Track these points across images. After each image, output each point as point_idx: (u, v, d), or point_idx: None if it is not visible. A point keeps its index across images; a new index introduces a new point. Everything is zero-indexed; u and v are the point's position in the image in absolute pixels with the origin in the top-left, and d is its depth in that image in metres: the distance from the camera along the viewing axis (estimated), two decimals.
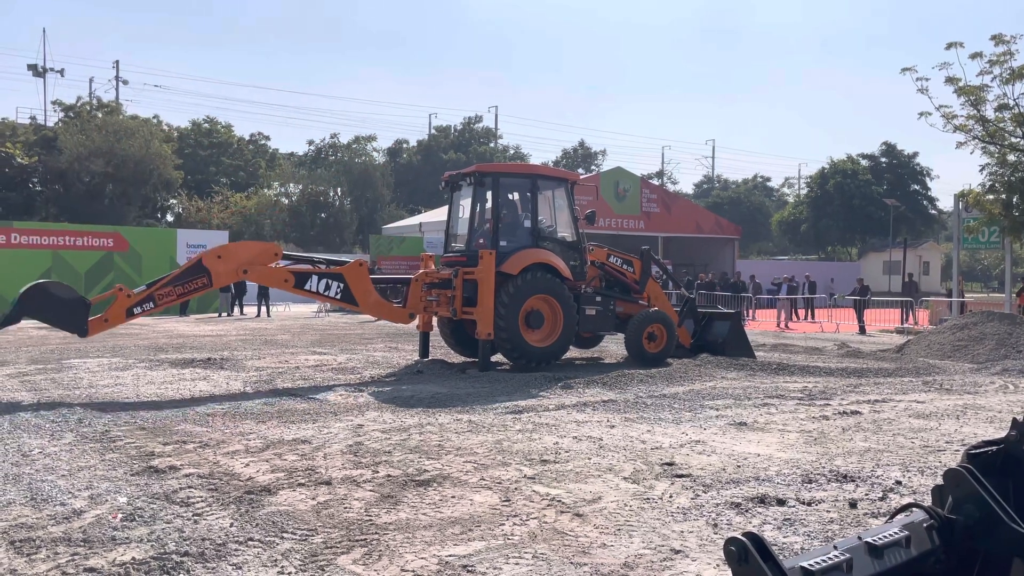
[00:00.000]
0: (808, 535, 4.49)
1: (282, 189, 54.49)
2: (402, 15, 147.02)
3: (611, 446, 6.73)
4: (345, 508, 4.95)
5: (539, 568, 3.99)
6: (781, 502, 5.10)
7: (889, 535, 1.61)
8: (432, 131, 71.28)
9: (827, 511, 4.93)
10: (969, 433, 7.38)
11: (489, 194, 12.60)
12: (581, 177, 18.97)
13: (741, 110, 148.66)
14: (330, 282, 11.70)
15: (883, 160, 58.87)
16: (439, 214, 30.30)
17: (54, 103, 51.11)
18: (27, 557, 4.11)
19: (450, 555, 4.15)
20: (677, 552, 4.22)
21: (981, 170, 19.50)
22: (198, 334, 18.98)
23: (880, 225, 52.81)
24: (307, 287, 11.62)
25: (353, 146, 57.02)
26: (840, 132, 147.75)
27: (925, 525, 1.70)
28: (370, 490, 5.35)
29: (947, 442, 7.01)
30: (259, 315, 26.89)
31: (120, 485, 5.47)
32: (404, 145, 69.59)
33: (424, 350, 13.45)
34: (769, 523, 4.72)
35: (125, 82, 62.90)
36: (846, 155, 58.95)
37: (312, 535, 4.45)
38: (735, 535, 1.42)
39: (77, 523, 4.64)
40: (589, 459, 6.25)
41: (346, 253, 43.07)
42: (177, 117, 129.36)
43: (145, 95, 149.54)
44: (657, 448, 6.68)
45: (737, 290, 29.19)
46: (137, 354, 14.20)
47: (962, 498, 1.73)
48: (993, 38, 17.82)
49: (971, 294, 40.86)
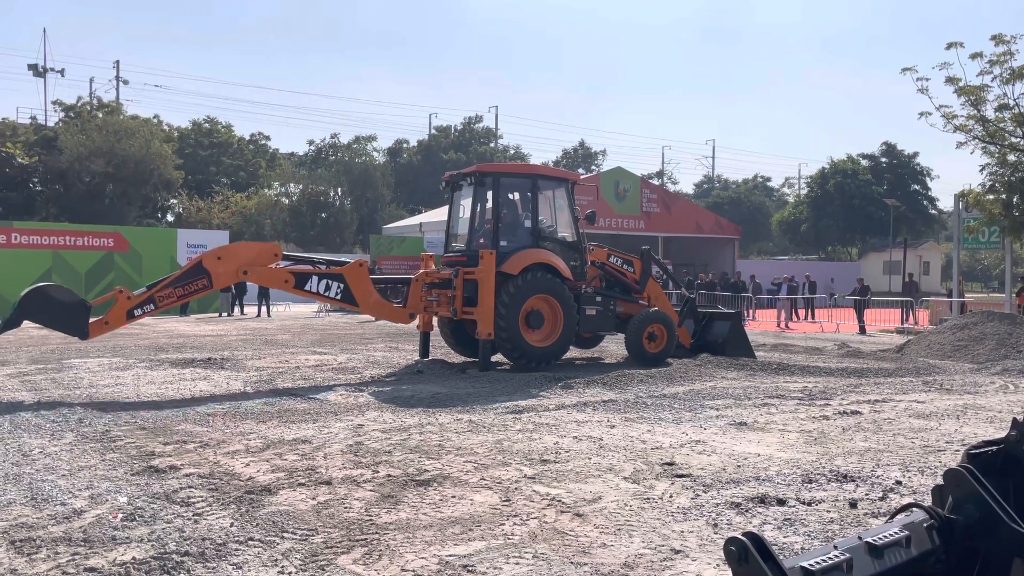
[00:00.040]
0: (808, 535, 4.49)
1: (282, 189, 54.54)
2: (402, 15, 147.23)
3: (611, 446, 6.73)
4: (345, 508, 4.95)
5: (539, 568, 3.99)
6: (781, 502, 5.10)
7: (889, 535, 1.61)
8: (432, 131, 71.30)
9: (827, 511, 4.94)
10: (969, 433, 7.39)
11: (489, 194, 12.60)
12: (581, 177, 18.98)
13: (741, 110, 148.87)
14: (330, 283, 11.70)
15: (883, 160, 58.87)
16: (439, 214, 30.31)
17: (54, 103, 51.23)
18: (27, 557, 4.11)
19: (450, 555, 4.15)
20: (677, 552, 4.22)
21: (981, 170, 19.53)
22: (198, 334, 18.98)
23: (880, 225, 52.81)
24: (307, 288, 11.63)
25: (353, 146, 57.03)
26: (840, 132, 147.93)
27: (925, 525, 1.70)
28: (370, 490, 5.35)
29: (947, 442, 7.01)
30: (259, 315, 26.90)
31: (120, 485, 5.47)
32: (404, 145, 69.59)
33: (424, 350, 13.46)
34: (769, 523, 4.72)
35: (125, 82, 63.09)
36: (846, 155, 59.04)
37: (312, 535, 4.45)
38: (735, 535, 1.42)
39: (77, 523, 4.65)
40: (589, 459, 6.25)
41: (346, 253, 43.06)
42: (177, 117, 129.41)
43: (145, 95, 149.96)
44: (657, 448, 6.68)
45: (737, 290, 29.19)
46: (137, 354, 14.20)
47: (962, 498, 1.73)
48: (993, 38, 17.83)
49: (971, 294, 40.85)
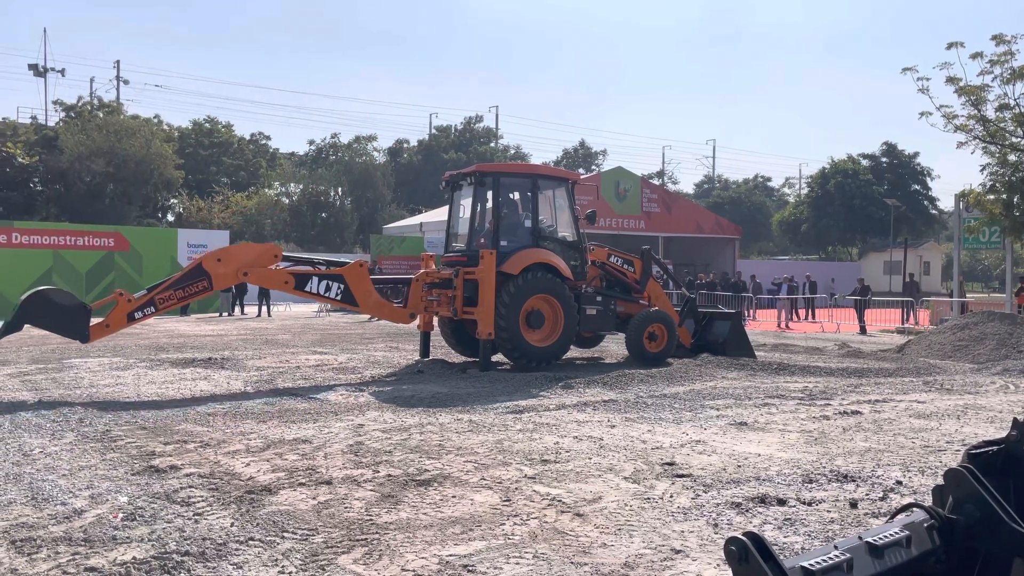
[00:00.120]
0: (809, 535, 4.49)
1: (283, 189, 54.58)
2: (402, 15, 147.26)
3: (612, 446, 6.73)
4: (346, 508, 4.95)
5: (539, 568, 3.99)
6: (782, 502, 5.10)
7: (890, 535, 1.61)
8: (433, 131, 71.28)
9: (828, 511, 4.93)
10: (970, 433, 7.38)
11: (490, 194, 12.60)
12: (582, 177, 18.98)
13: (742, 110, 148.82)
14: (330, 283, 11.70)
15: (884, 160, 58.83)
16: (440, 214, 30.31)
17: (55, 103, 51.27)
18: (28, 556, 4.12)
19: (451, 555, 4.15)
20: (678, 552, 4.22)
21: (982, 170, 19.53)
22: (199, 334, 18.99)
23: (881, 225, 52.80)
24: (307, 288, 11.62)
25: (354, 146, 57.03)
26: (841, 132, 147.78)
27: (926, 525, 1.70)
28: (371, 490, 5.35)
29: (948, 442, 7.00)
30: (260, 315, 26.90)
31: (121, 485, 5.47)
32: (405, 145, 69.58)
33: (425, 350, 13.46)
34: (770, 523, 4.72)
35: (126, 82, 63.16)
36: (847, 155, 58.94)
37: (313, 535, 4.45)
38: (736, 535, 1.42)
39: (78, 522, 4.65)
40: (590, 459, 6.25)
41: (347, 253, 43.07)
42: (178, 117, 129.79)
43: (146, 95, 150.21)
44: (658, 448, 6.68)
45: (737, 290, 29.19)
46: (138, 354, 14.21)
47: (963, 498, 1.73)
48: (994, 38, 17.83)
49: (972, 294, 40.83)
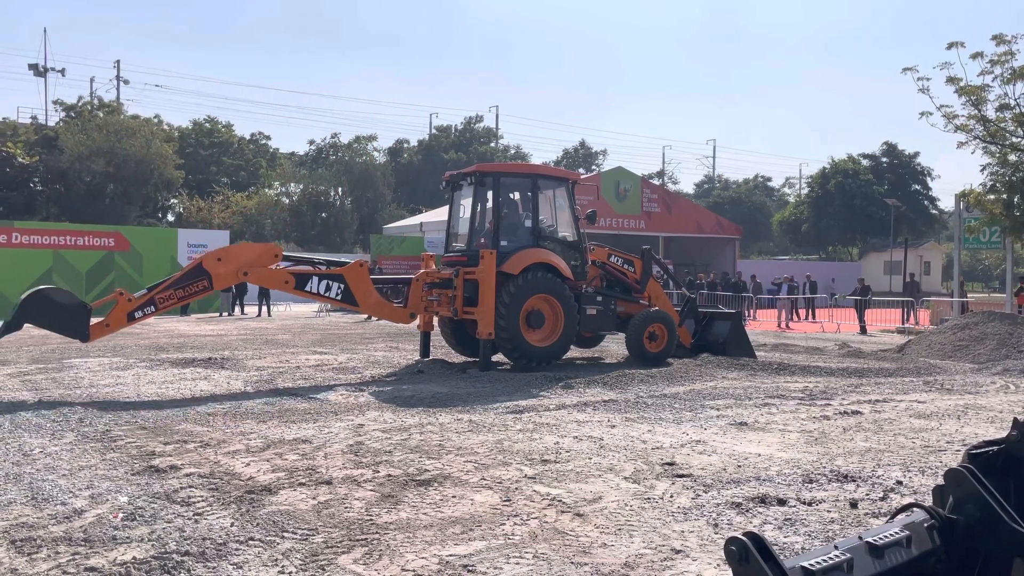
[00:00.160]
0: (809, 535, 4.49)
1: (283, 189, 54.58)
2: (402, 15, 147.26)
3: (612, 446, 6.73)
4: (346, 508, 4.95)
5: (540, 568, 3.99)
6: (782, 502, 5.10)
7: (890, 535, 1.61)
8: (433, 131, 71.28)
9: (828, 511, 4.93)
10: (970, 433, 7.38)
11: (490, 194, 12.60)
12: (582, 177, 18.99)
13: (742, 110, 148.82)
14: (330, 283, 11.70)
15: (884, 160, 58.85)
16: (440, 214, 30.30)
17: (55, 103, 51.30)
18: (28, 556, 4.11)
19: (451, 555, 4.15)
20: (678, 552, 4.22)
21: (982, 170, 19.54)
22: (199, 334, 18.99)
23: (881, 225, 52.80)
24: (307, 288, 11.63)
25: (354, 146, 57.04)
26: (841, 132, 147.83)
27: (926, 525, 1.70)
28: (371, 490, 5.35)
29: (948, 442, 7.00)
30: (260, 315, 26.90)
31: (121, 484, 5.47)
32: (405, 145, 69.57)
33: (425, 350, 13.46)
34: (770, 523, 4.72)
35: (126, 82, 63.17)
36: (847, 155, 58.95)
37: (313, 535, 4.45)
38: (736, 535, 1.42)
39: (78, 522, 4.65)
40: (590, 459, 6.25)
41: (347, 253, 43.08)
42: (178, 117, 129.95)
43: (146, 95, 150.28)
44: (658, 448, 6.68)
45: (738, 290, 29.19)
46: (138, 354, 14.21)
47: (963, 498, 1.73)
48: (994, 38, 17.84)
49: (972, 294, 40.81)
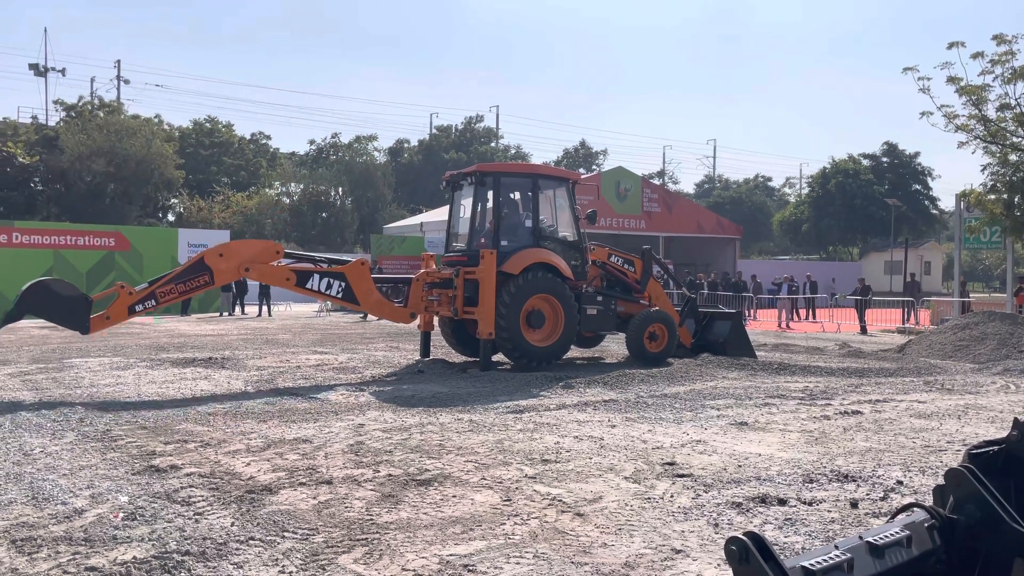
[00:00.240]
0: (809, 535, 4.49)
1: (283, 189, 54.57)
2: (402, 15, 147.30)
3: (612, 446, 6.73)
4: (346, 507, 4.95)
5: (540, 567, 3.99)
6: (782, 502, 5.10)
7: (890, 535, 1.61)
8: (433, 131, 71.27)
9: (828, 511, 4.93)
10: (970, 433, 7.38)
11: (490, 194, 12.59)
12: (582, 177, 18.99)
13: (742, 110, 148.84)
14: (332, 281, 11.71)
15: (884, 160, 58.86)
16: (440, 214, 30.30)
17: (55, 103, 51.31)
18: (28, 556, 4.12)
19: (451, 554, 4.15)
20: (678, 552, 4.22)
21: (983, 170, 19.52)
22: (199, 333, 18.99)
23: (881, 225, 52.79)
24: (309, 286, 11.63)
25: (354, 146, 57.05)
26: (841, 132, 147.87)
27: (926, 525, 1.70)
28: (371, 489, 5.35)
29: (948, 442, 7.00)
30: (260, 314, 26.90)
31: (121, 484, 5.47)
32: (405, 145, 69.57)
33: (425, 350, 13.46)
34: (770, 523, 4.72)
35: (126, 81, 63.06)
36: (847, 155, 58.99)
37: (313, 534, 4.45)
38: (736, 535, 1.42)
39: (78, 522, 4.65)
40: (590, 459, 6.25)
41: (347, 253, 43.05)
42: (178, 116, 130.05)
43: (146, 94, 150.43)
44: (658, 448, 6.68)
45: (738, 290, 29.19)
46: (138, 353, 14.21)
47: (963, 498, 1.73)
48: (995, 38, 17.83)
49: (974, 294, 40.78)
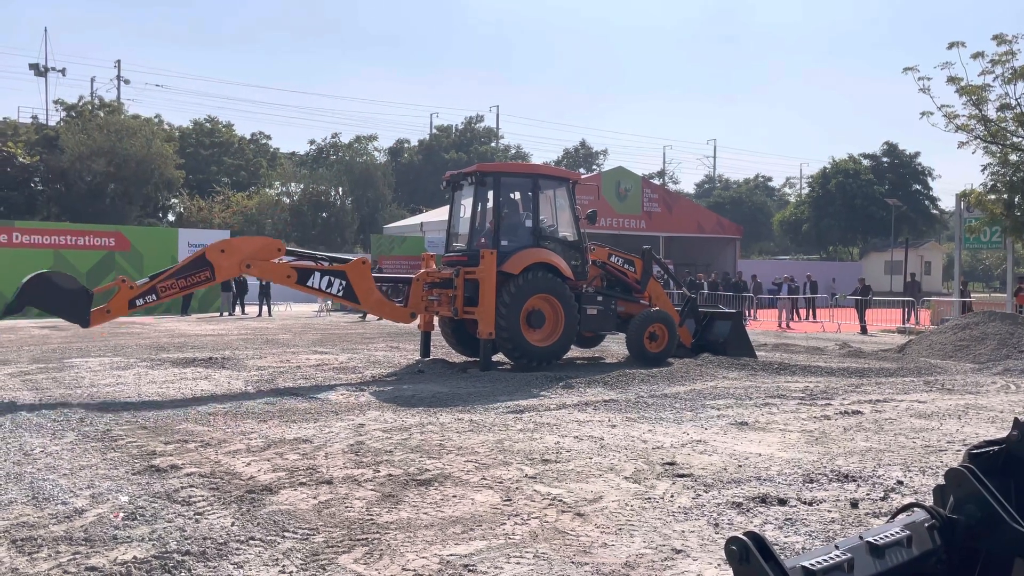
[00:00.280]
0: (809, 535, 4.49)
1: (283, 189, 54.54)
2: (402, 15, 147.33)
3: (612, 446, 6.73)
4: (346, 507, 4.95)
5: (540, 567, 3.99)
6: (782, 502, 5.10)
7: (890, 535, 1.61)
8: (433, 131, 71.26)
9: (828, 511, 4.93)
10: (971, 433, 7.38)
11: (490, 194, 12.59)
12: (582, 177, 18.99)
13: (742, 110, 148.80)
14: (332, 279, 11.70)
15: (885, 160, 58.85)
16: (440, 214, 30.29)
17: (56, 102, 51.33)
18: (29, 556, 4.12)
19: (451, 554, 4.15)
20: (678, 552, 4.22)
21: (983, 170, 19.51)
22: (199, 333, 18.99)
23: (882, 225, 52.79)
24: (309, 284, 11.63)
25: (354, 145, 57.02)
26: (842, 132, 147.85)
27: (927, 525, 1.69)
28: (371, 489, 5.35)
29: (948, 442, 7.00)
30: (260, 314, 26.90)
31: (122, 484, 5.47)
32: (405, 145, 69.56)
33: (425, 349, 13.46)
34: (770, 523, 4.72)
35: (127, 81, 62.96)
36: (848, 155, 58.98)
37: (313, 534, 4.45)
38: (736, 535, 1.42)
39: (79, 522, 4.65)
40: (590, 459, 6.25)
41: (347, 253, 42.99)
42: (178, 116, 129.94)
43: (147, 94, 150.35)
44: (658, 448, 6.68)
45: (738, 290, 29.19)
46: (138, 353, 14.21)
47: (964, 498, 1.73)
48: (995, 38, 17.82)
49: (974, 294, 40.76)
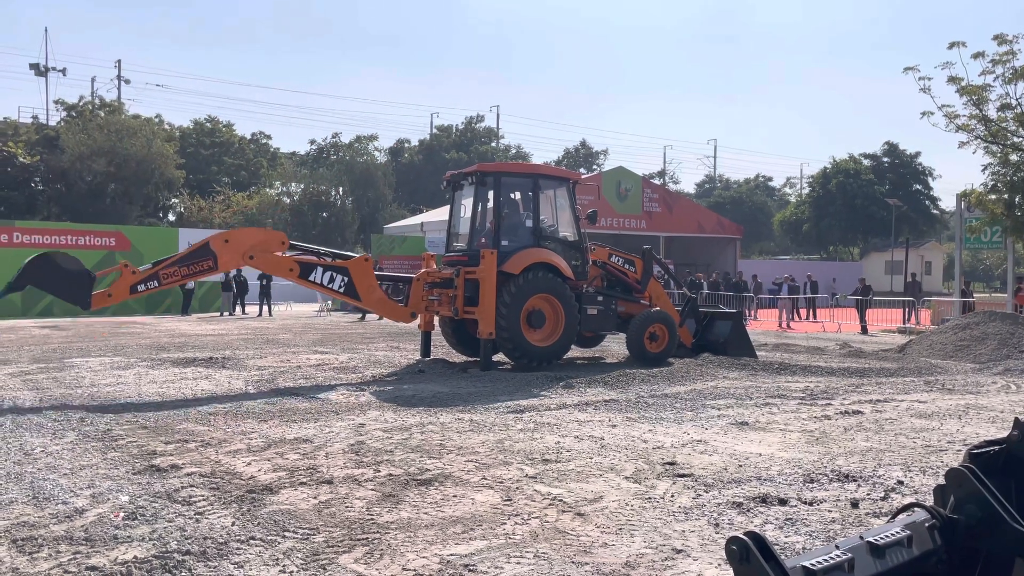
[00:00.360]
0: (810, 535, 4.49)
1: (284, 188, 54.49)
2: (402, 15, 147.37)
3: (613, 445, 6.73)
4: (347, 507, 4.95)
5: (540, 567, 3.99)
6: (783, 502, 5.10)
7: (891, 535, 1.61)
8: (434, 130, 71.22)
9: (829, 511, 4.93)
10: (971, 433, 7.38)
11: (491, 193, 12.59)
12: (583, 176, 18.98)
13: (743, 110, 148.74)
14: (335, 275, 11.70)
15: (885, 160, 58.84)
16: (441, 213, 30.29)
17: (56, 102, 51.29)
18: (29, 556, 4.12)
19: (451, 554, 4.15)
20: (679, 551, 4.22)
21: (983, 170, 19.49)
22: (200, 333, 19.00)
23: (882, 225, 52.78)
24: (311, 278, 11.61)
25: (355, 145, 56.97)
26: (842, 132, 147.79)
27: (927, 525, 1.69)
28: (372, 489, 5.35)
29: (949, 442, 7.00)
30: (261, 314, 26.91)
31: (122, 484, 5.47)
32: (406, 144, 69.51)
33: (426, 349, 13.46)
34: (771, 523, 4.72)
35: (127, 81, 62.88)
36: (848, 155, 58.99)
37: (314, 534, 4.45)
38: (737, 534, 1.42)
39: (79, 522, 4.65)
40: (591, 458, 6.25)
41: (348, 252, 43.02)
42: (179, 116, 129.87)
43: (147, 94, 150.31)
44: (659, 448, 6.68)
45: (739, 290, 29.19)
46: (139, 353, 14.21)
47: (964, 498, 1.73)
48: (995, 38, 17.81)
49: (975, 294, 40.73)
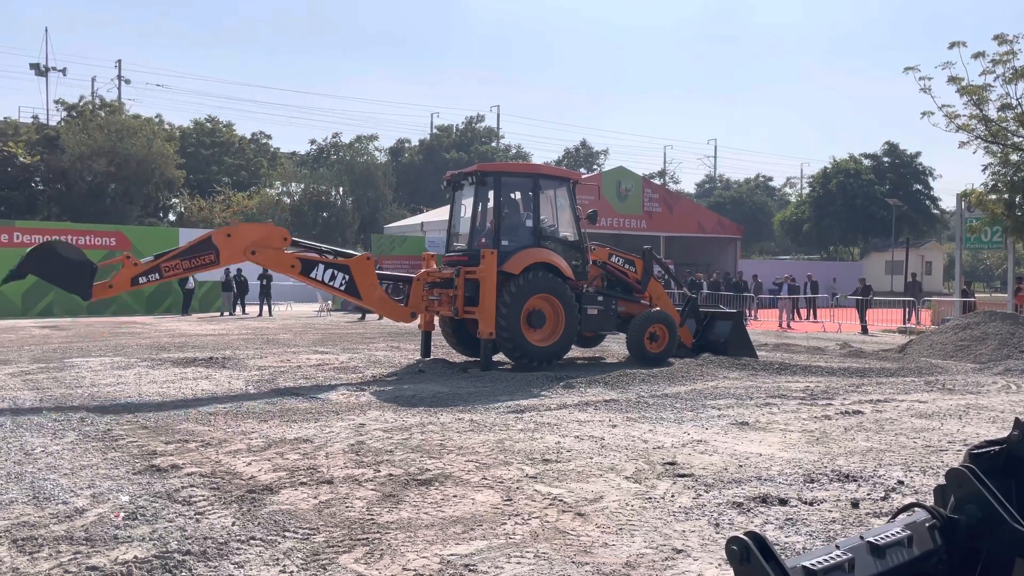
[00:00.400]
0: (810, 535, 4.49)
1: (284, 188, 54.50)
2: (402, 15, 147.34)
3: (613, 445, 6.73)
4: (347, 507, 4.95)
5: (541, 567, 3.99)
6: (783, 502, 5.09)
7: (891, 535, 1.61)
8: (434, 130, 71.20)
9: (829, 511, 4.93)
10: (971, 433, 7.38)
11: (491, 193, 12.59)
12: (583, 176, 18.98)
13: (743, 110, 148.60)
14: (336, 272, 11.70)
15: (885, 160, 58.83)
16: (441, 213, 30.30)
17: (56, 102, 51.32)
18: (29, 556, 4.12)
19: (452, 554, 4.15)
20: (679, 551, 4.22)
21: (984, 170, 19.48)
22: (200, 333, 19.00)
23: (882, 225, 52.76)
24: (313, 275, 11.61)
25: (355, 145, 56.96)
26: (842, 132, 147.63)
27: (927, 525, 1.69)
28: (372, 489, 5.35)
29: (949, 442, 7.00)
30: (261, 314, 26.91)
31: (122, 484, 5.48)
32: (406, 144, 69.49)
33: (426, 349, 13.46)
34: (771, 523, 4.72)
35: (127, 81, 62.86)
36: (848, 155, 58.95)
37: (314, 534, 4.45)
38: (737, 534, 1.42)
39: (79, 522, 4.65)
40: (591, 458, 6.25)
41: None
42: (179, 116, 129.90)
43: (147, 94, 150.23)
44: (659, 448, 6.68)
45: (739, 290, 29.19)
46: (139, 353, 14.21)
47: (964, 498, 1.73)
48: (996, 38, 17.80)
49: (976, 294, 40.69)
